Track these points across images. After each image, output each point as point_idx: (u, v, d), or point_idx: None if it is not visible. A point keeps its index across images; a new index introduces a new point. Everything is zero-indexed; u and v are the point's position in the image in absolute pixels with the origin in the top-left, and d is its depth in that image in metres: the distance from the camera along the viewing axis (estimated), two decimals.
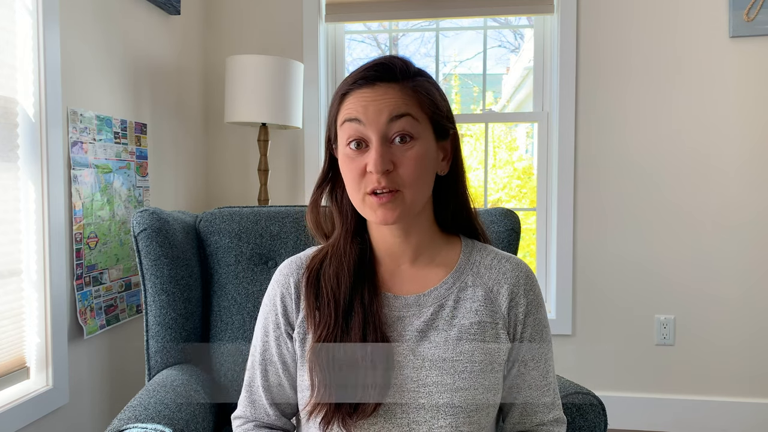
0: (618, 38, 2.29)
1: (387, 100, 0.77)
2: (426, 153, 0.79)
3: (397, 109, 0.77)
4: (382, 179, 0.76)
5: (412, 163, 0.77)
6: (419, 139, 0.78)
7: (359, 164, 0.78)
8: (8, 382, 1.42)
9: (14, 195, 1.45)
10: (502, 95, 2.74)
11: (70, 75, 1.61)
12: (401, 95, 0.78)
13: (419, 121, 0.78)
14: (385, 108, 0.77)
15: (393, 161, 0.77)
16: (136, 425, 0.97)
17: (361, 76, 0.79)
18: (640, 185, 2.30)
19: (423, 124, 0.79)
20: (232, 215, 1.41)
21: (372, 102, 0.77)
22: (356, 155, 0.78)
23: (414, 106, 0.78)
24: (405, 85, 0.79)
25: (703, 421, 2.28)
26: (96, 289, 1.71)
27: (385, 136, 0.77)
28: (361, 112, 0.77)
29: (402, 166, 0.77)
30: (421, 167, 0.78)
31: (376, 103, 0.77)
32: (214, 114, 2.47)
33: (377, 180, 0.76)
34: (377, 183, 0.77)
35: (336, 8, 2.42)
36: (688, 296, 2.29)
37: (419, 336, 0.81)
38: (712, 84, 2.24)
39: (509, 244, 1.32)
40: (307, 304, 0.84)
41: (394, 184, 0.77)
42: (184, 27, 2.31)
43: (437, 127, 0.82)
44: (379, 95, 0.77)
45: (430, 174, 0.81)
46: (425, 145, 0.79)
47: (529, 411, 0.87)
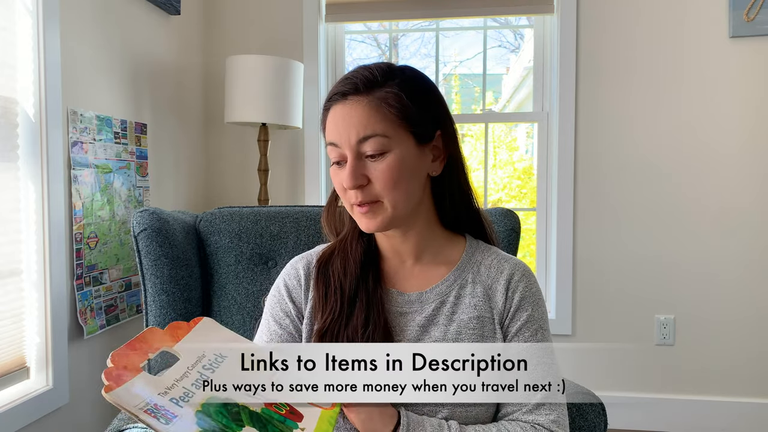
0: (618, 38, 2.28)
1: (355, 118, 0.79)
2: (402, 162, 0.80)
3: (364, 130, 0.79)
4: (358, 194, 0.80)
5: (384, 176, 0.79)
6: (392, 151, 0.80)
7: (340, 179, 0.82)
8: (8, 382, 1.42)
9: (14, 195, 1.45)
10: (502, 95, 2.74)
11: (70, 75, 1.61)
12: (368, 112, 0.79)
13: (389, 135, 0.79)
14: (353, 128, 0.79)
15: (367, 175, 0.80)
16: (136, 425, 0.98)
17: (336, 91, 0.82)
18: (640, 185, 2.30)
19: (395, 137, 0.80)
20: (232, 215, 1.41)
21: (342, 122, 0.80)
22: (339, 171, 0.82)
23: (380, 121, 0.79)
24: (372, 98, 0.80)
25: (703, 421, 2.28)
26: (96, 289, 1.71)
27: (358, 153, 0.80)
28: (335, 135, 0.81)
29: (376, 180, 0.80)
30: (396, 177, 0.80)
31: (345, 123, 0.80)
32: (214, 114, 2.47)
33: (354, 195, 0.81)
34: (355, 197, 0.81)
35: (336, 8, 2.41)
36: (688, 296, 2.29)
37: (420, 331, 0.84)
38: (712, 84, 2.24)
39: (509, 244, 1.32)
40: (316, 292, 0.87)
41: (371, 196, 0.80)
42: (184, 27, 2.31)
43: (416, 133, 0.82)
44: (348, 113, 0.80)
45: (413, 179, 0.82)
46: (400, 155, 0.80)
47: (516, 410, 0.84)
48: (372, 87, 0.80)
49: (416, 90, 0.83)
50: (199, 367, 0.69)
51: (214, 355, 0.71)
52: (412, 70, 0.85)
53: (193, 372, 0.68)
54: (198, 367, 0.69)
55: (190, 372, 0.68)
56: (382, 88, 0.80)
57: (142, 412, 0.59)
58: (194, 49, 2.40)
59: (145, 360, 0.67)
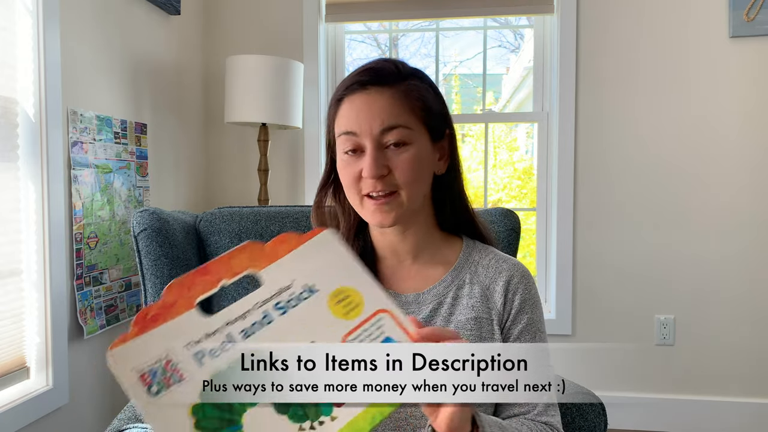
0: (618, 38, 2.29)
1: (379, 108, 0.78)
2: (420, 155, 0.81)
3: (389, 120, 0.78)
4: (378, 183, 0.79)
5: (406, 166, 0.79)
6: (413, 143, 0.80)
7: (355, 169, 0.80)
8: (8, 382, 1.42)
9: (14, 195, 1.45)
10: (502, 95, 2.74)
11: (70, 75, 1.61)
12: (393, 102, 0.79)
13: (412, 128, 0.80)
14: (377, 117, 0.78)
15: (388, 165, 0.79)
16: (136, 425, 0.97)
17: (354, 81, 0.80)
18: (640, 185, 2.30)
19: (416, 130, 0.81)
20: (232, 215, 1.41)
21: (364, 111, 0.79)
22: (352, 160, 0.81)
23: (405, 113, 0.79)
24: (397, 90, 0.80)
25: (703, 421, 2.28)
26: (96, 289, 1.71)
27: (379, 143, 0.79)
28: (355, 125, 0.79)
29: (397, 170, 0.79)
30: (417, 169, 0.80)
31: (368, 111, 0.78)
32: (214, 114, 2.47)
33: (373, 184, 0.79)
34: (373, 187, 0.79)
35: (336, 8, 2.41)
36: (688, 296, 2.29)
37: None
38: (712, 84, 2.24)
39: (509, 244, 1.32)
40: None
41: (390, 186, 0.79)
42: (184, 27, 2.31)
43: (432, 129, 0.83)
44: (371, 102, 0.79)
45: (426, 174, 0.83)
46: (420, 148, 0.81)
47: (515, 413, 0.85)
48: (397, 79, 0.80)
49: (434, 87, 0.85)
50: (271, 304, 0.54)
51: (302, 286, 0.56)
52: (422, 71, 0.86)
53: (256, 311, 0.54)
54: (270, 303, 0.54)
55: (253, 311, 0.54)
56: (406, 81, 0.81)
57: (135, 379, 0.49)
58: (194, 49, 2.40)
59: (212, 289, 0.54)
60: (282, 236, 0.57)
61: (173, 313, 0.52)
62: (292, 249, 0.57)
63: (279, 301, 0.55)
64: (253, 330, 0.53)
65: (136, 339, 0.51)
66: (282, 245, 0.57)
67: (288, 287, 0.55)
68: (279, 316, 0.54)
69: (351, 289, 0.58)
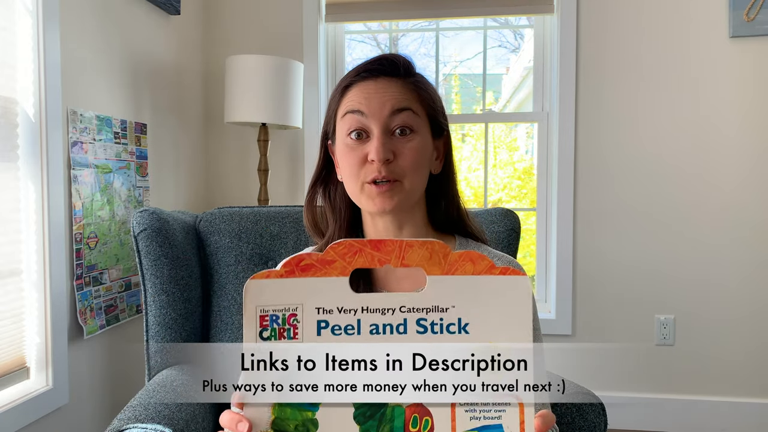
0: (618, 38, 2.29)
1: (389, 93, 0.80)
2: (424, 146, 0.82)
3: (399, 103, 0.80)
4: (383, 169, 0.78)
5: (411, 154, 0.80)
6: (418, 132, 0.81)
7: (359, 153, 0.80)
8: (8, 382, 1.42)
9: (14, 195, 1.45)
10: (502, 95, 2.74)
11: (70, 75, 1.61)
12: (403, 90, 0.81)
13: (419, 116, 0.82)
14: (388, 101, 0.79)
15: (393, 151, 0.79)
16: (136, 425, 0.97)
17: (365, 69, 0.82)
18: (640, 185, 2.30)
19: (422, 120, 0.82)
20: (232, 215, 1.41)
21: (375, 94, 0.80)
22: (357, 145, 0.80)
23: (415, 101, 0.81)
24: (407, 81, 0.82)
25: (703, 421, 2.28)
26: (96, 289, 1.71)
27: (387, 127, 0.80)
28: (364, 104, 0.80)
29: (402, 157, 0.80)
30: (420, 159, 0.81)
31: (378, 95, 0.80)
32: (214, 114, 2.47)
33: (378, 169, 0.79)
34: (378, 173, 0.79)
35: (336, 8, 2.41)
36: (688, 296, 2.29)
37: None
38: (712, 84, 2.24)
39: (509, 244, 1.32)
40: None
41: (394, 174, 0.80)
42: (184, 27, 2.31)
43: (434, 125, 0.85)
44: (381, 88, 0.80)
45: (426, 168, 0.84)
46: (423, 139, 0.82)
47: None
48: (407, 72, 0.83)
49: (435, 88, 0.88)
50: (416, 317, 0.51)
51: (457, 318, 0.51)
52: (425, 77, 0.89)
53: (398, 314, 0.51)
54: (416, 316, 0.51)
55: (396, 312, 0.51)
56: (415, 77, 0.84)
57: (254, 316, 0.49)
58: (194, 49, 2.40)
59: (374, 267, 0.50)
60: (475, 254, 0.51)
61: (327, 271, 0.50)
62: (478, 273, 0.51)
63: (425, 318, 0.51)
64: (383, 331, 0.51)
65: (277, 280, 0.49)
66: (468, 263, 0.51)
67: (444, 310, 0.51)
68: (415, 333, 0.51)
69: (503, 349, 0.53)
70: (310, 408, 0.50)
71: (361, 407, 0.51)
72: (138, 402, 1.06)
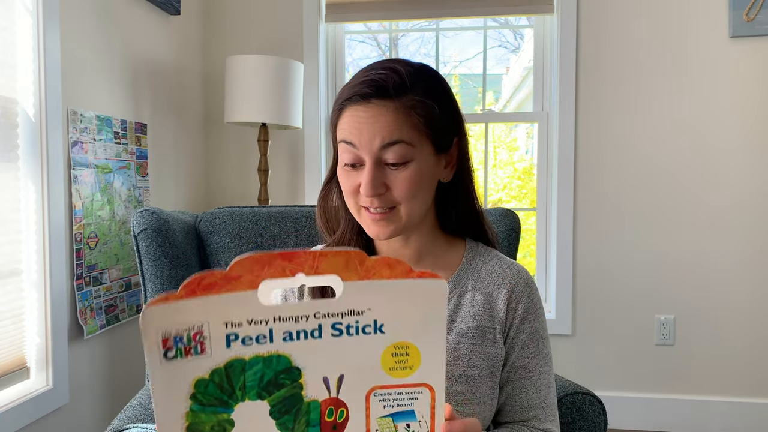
0: (618, 38, 2.29)
1: (380, 123, 0.75)
2: (422, 171, 0.78)
3: (390, 136, 0.75)
4: (375, 200, 0.77)
5: (405, 184, 0.77)
6: (414, 161, 0.77)
7: (354, 181, 0.78)
8: (8, 382, 1.42)
9: (14, 195, 1.45)
10: (502, 95, 2.74)
11: (70, 75, 1.61)
12: (396, 117, 0.75)
13: (414, 144, 0.76)
14: (378, 133, 0.75)
15: (386, 183, 0.77)
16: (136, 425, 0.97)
17: (356, 92, 0.76)
18: (640, 185, 2.30)
19: (418, 146, 0.77)
20: (232, 215, 1.41)
21: (365, 124, 0.75)
22: (351, 172, 0.79)
23: (408, 129, 0.76)
24: (401, 104, 0.75)
25: (703, 421, 2.28)
26: (96, 289, 1.71)
27: (378, 160, 0.76)
28: (356, 136, 0.76)
29: (396, 188, 0.77)
30: (416, 186, 0.77)
31: (369, 126, 0.75)
32: (214, 114, 2.47)
33: (370, 201, 0.77)
34: (370, 203, 0.77)
35: (336, 8, 2.42)
36: (688, 296, 2.29)
37: None
38: (712, 84, 2.24)
39: (509, 244, 1.32)
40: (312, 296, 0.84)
41: (388, 203, 0.78)
42: (184, 27, 2.31)
43: (436, 142, 0.79)
44: (372, 116, 0.75)
45: (427, 188, 0.80)
46: (421, 164, 0.77)
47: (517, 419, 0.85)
48: (401, 91, 0.76)
49: (442, 96, 0.80)
50: (331, 321, 0.50)
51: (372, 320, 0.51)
52: (430, 70, 0.81)
53: (312, 321, 0.50)
54: (331, 320, 0.50)
55: (310, 318, 0.50)
56: (411, 94, 0.76)
57: (156, 340, 0.47)
58: (194, 49, 2.40)
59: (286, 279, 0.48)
60: (393, 260, 0.51)
61: (232, 287, 0.48)
62: (395, 278, 0.51)
63: (341, 322, 0.50)
64: (296, 337, 0.50)
65: (178, 302, 0.47)
66: (386, 269, 0.51)
67: (359, 313, 0.51)
68: (330, 336, 0.50)
69: (415, 349, 0.53)
70: (224, 410, 0.50)
71: (277, 403, 0.51)
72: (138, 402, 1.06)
